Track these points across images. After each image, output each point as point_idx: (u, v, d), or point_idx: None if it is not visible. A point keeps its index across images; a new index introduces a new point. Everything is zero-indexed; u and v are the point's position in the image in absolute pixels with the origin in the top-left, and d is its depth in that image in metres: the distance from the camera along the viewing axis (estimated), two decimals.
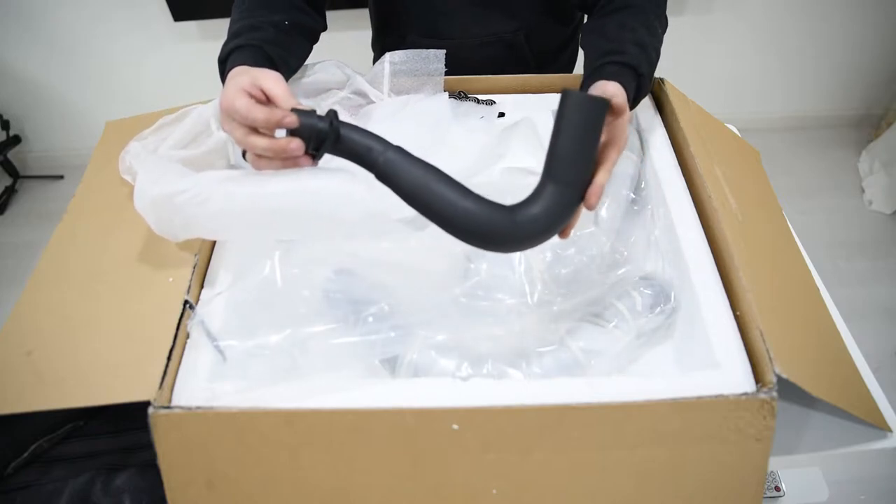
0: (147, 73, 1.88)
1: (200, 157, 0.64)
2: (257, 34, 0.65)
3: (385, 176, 0.50)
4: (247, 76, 0.54)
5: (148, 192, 0.53)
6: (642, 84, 0.63)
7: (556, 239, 0.63)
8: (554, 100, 0.79)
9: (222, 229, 0.56)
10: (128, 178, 0.66)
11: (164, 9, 1.68)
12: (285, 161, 0.52)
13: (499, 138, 0.69)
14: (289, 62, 0.68)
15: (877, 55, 1.92)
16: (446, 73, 0.75)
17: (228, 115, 0.53)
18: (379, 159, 0.50)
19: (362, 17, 0.96)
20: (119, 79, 1.89)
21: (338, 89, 0.74)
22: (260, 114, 0.51)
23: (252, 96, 0.53)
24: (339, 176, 0.55)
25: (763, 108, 2.08)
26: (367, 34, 0.98)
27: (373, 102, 0.72)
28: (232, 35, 0.66)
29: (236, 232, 0.56)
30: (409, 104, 0.70)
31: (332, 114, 0.51)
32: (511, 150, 0.68)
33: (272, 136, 0.52)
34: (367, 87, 0.72)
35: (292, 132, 0.51)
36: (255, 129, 0.52)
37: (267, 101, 0.54)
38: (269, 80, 0.54)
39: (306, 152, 0.52)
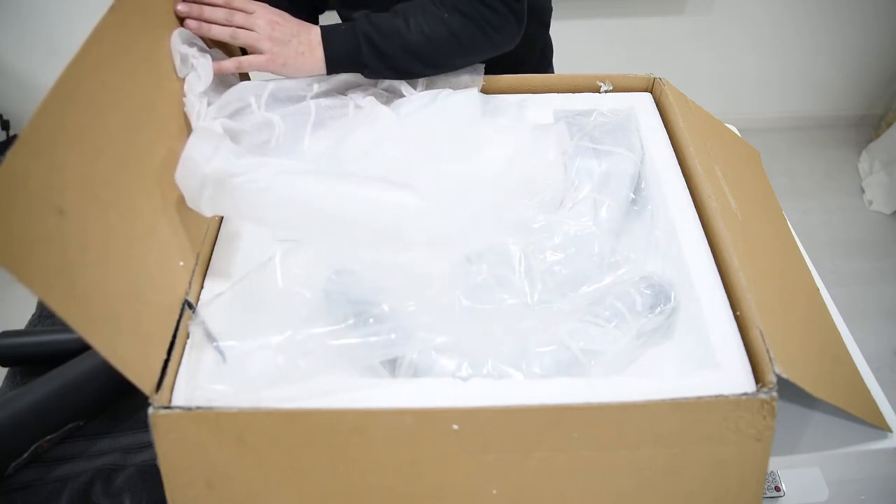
0: None
1: (244, 132, 0.63)
2: None
3: None
4: None
5: (200, 169, 0.52)
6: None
7: (556, 239, 0.63)
8: (554, 100, 0.79)
9: (276, 220, 0.56)
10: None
11: None
12: None
13: (530, 138, 0.69)
14: None
15: (877, 55, 1.92)
16: None
17: None
18: None
19: None
20: None
21: (370, 85, 0.74)
22: None
23: None
24: (400, 189, 0.56)
25: (763, 108, 2.08)
26: None
27: (403, 97, 0.72)
28: None
29: (289, 227, 0.57)
30: (438, 98, 0.70)
31: None
32: (543, 151, 0.67)
33: None
34: (398, 83, 0.73)
35: None
36: None
37: None
38: None
39: None
